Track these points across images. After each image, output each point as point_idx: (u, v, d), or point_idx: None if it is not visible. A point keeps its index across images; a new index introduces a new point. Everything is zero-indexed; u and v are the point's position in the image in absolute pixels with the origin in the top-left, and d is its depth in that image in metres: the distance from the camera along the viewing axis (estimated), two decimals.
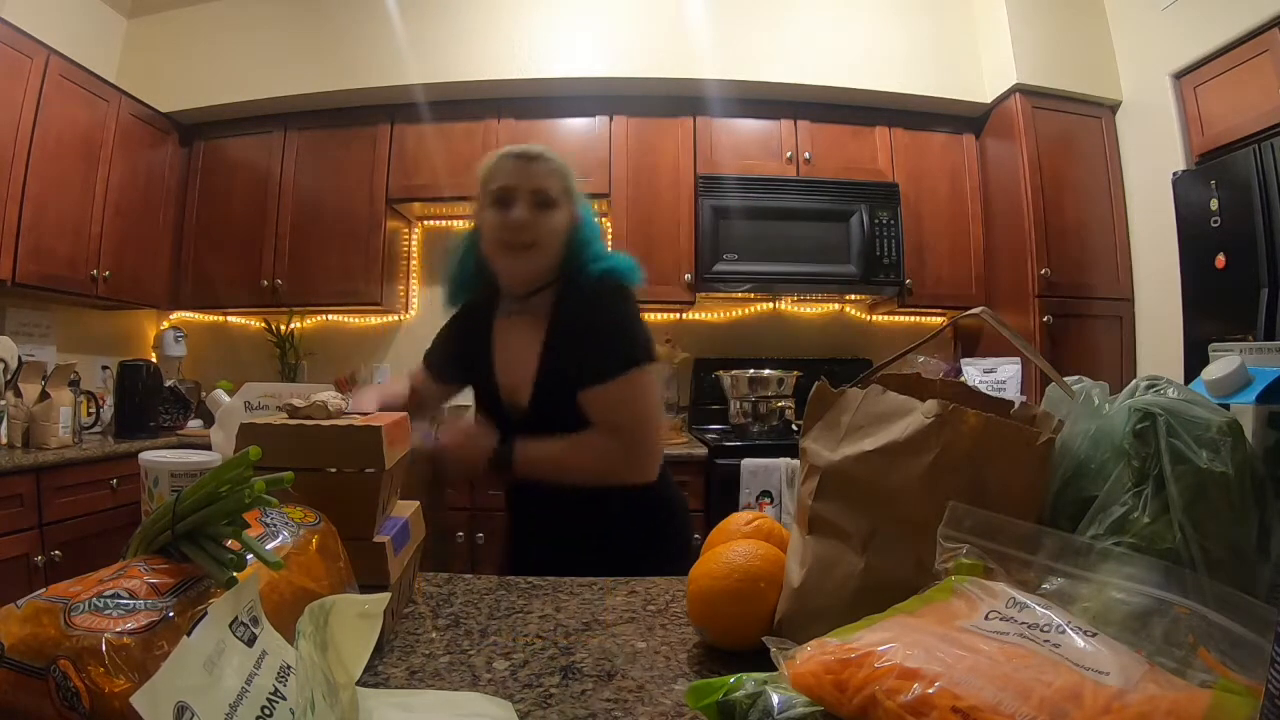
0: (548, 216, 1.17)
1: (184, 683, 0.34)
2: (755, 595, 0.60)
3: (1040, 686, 0.32)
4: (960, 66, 2.96)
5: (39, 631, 0.37)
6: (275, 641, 0.42)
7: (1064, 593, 0.41)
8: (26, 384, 2.23)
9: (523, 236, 1.15)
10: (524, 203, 1.15)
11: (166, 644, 0.39)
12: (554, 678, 0.56)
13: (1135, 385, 0.50)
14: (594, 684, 0.55)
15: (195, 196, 3.10)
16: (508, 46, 2.88)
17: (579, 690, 0.54)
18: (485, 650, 0.62)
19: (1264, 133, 2.15)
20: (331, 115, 3.05)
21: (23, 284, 2.37)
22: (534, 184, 1.16)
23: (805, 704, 0.36)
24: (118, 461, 2.31)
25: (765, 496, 2.42)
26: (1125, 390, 0.50)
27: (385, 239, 3.01)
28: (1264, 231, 2.06)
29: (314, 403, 0.69)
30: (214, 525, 0.46)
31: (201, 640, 0.37)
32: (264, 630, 0.42)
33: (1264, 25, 2.17)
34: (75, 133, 2.56)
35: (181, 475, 0.72)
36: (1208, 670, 0.35)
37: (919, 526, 0.48)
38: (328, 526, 0.57)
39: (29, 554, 2.01)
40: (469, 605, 0.74)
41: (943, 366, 2.80)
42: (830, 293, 3.02)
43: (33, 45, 2.39)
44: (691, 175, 2.90)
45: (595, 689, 0.54)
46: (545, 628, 0.67)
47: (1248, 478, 0.44)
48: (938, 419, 0.51)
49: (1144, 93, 2.71)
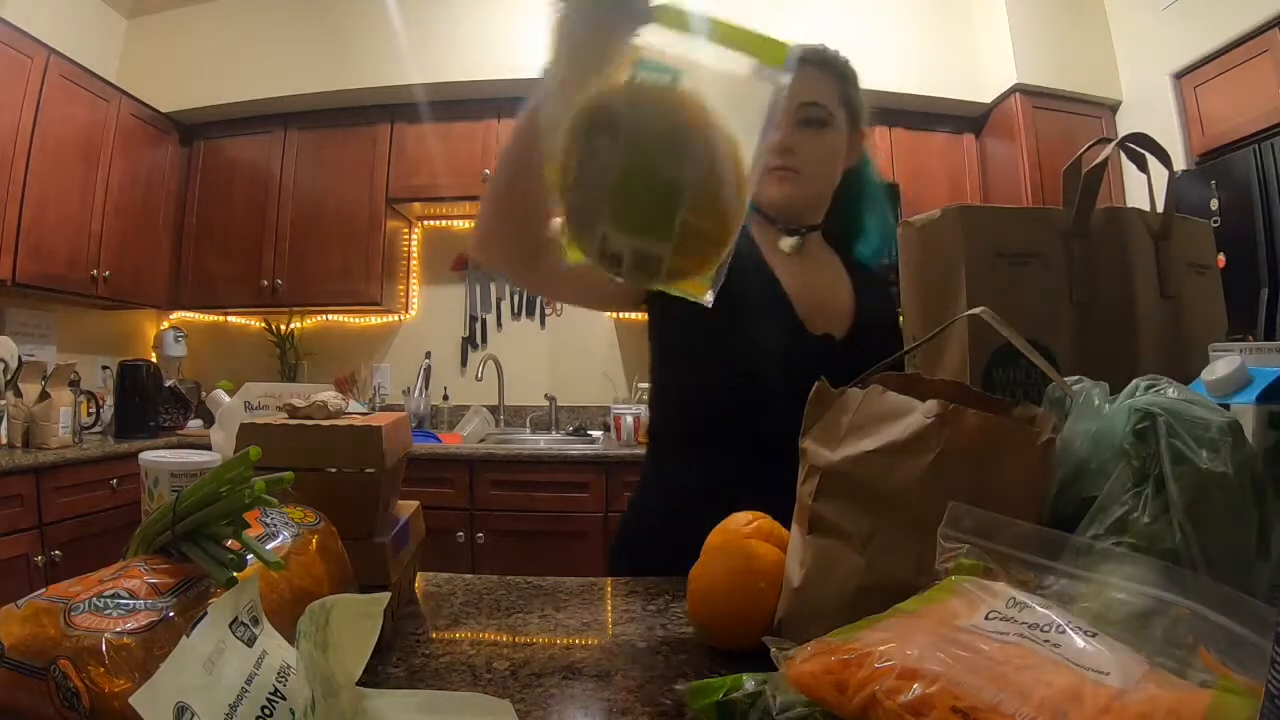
0: (816, 139, 0.97)
1: (184, 683, 0.34)
2: (755, 595, 0.60)
3: (1040, 686, 0.32)
4: (960, 66, 2.96)
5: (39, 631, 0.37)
6: (275, 641, 0.42)
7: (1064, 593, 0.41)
8: (26, 384, 2.23)
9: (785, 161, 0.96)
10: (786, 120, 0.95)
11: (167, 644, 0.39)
12: (554, 678, 0.56)
13: (1135, 385, 0.50)
14: (594, 684, 0.55)
15: (195, 196, 3.10)
16: (508, 46, 2.88)
17: (579, 690, 0.54)
18: (485, 650, 0.62)
19: (1264, 133, 2.16)
20: (331, 115, 3.05)
21: (23, 284, 2.37)
22: (803, 96, 0.96)
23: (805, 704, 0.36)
24: (118, 461, 2.31)
25: None
26: (1125, 390, 0.50)
27: (385, 239, 3.01)
28: (1264, 231, 2.06)
29: (314, 403, 0.69)
30: (214, 525, 0.46)
31: (201, 640, 0.37)
32: (264, 630, 0.42)
33: (1264, 25, 2.17)
34: (75, 133, 2.57)
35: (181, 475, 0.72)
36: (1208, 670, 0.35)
37: (919, 526, 0.48)
38: (328, 526, 0.57)
39: (29, 554, 2.01)
40: (469, 605, 0.74)
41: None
42: None
43: (33, 45, 2.39)
44: None
45: (595, 689, 0.54)
46: (545, 628, 0.67)
47: (1248, 478, 0.44)
48: (938, 419, 0.51)
49: (1144, 93, 2.72)
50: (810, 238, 1.04)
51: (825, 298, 0.99)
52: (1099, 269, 0.71)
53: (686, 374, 0.99)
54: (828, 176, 1.02)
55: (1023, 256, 0.71)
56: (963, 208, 0.71)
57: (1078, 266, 0.71)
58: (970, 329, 0.67)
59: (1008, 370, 0.68)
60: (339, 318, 3.30)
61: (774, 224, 1.03)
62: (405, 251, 3.27)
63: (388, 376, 3.23)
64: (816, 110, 0.97)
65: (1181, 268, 0.75)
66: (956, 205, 0.72)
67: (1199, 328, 0.74)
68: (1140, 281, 0.72)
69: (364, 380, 3.21)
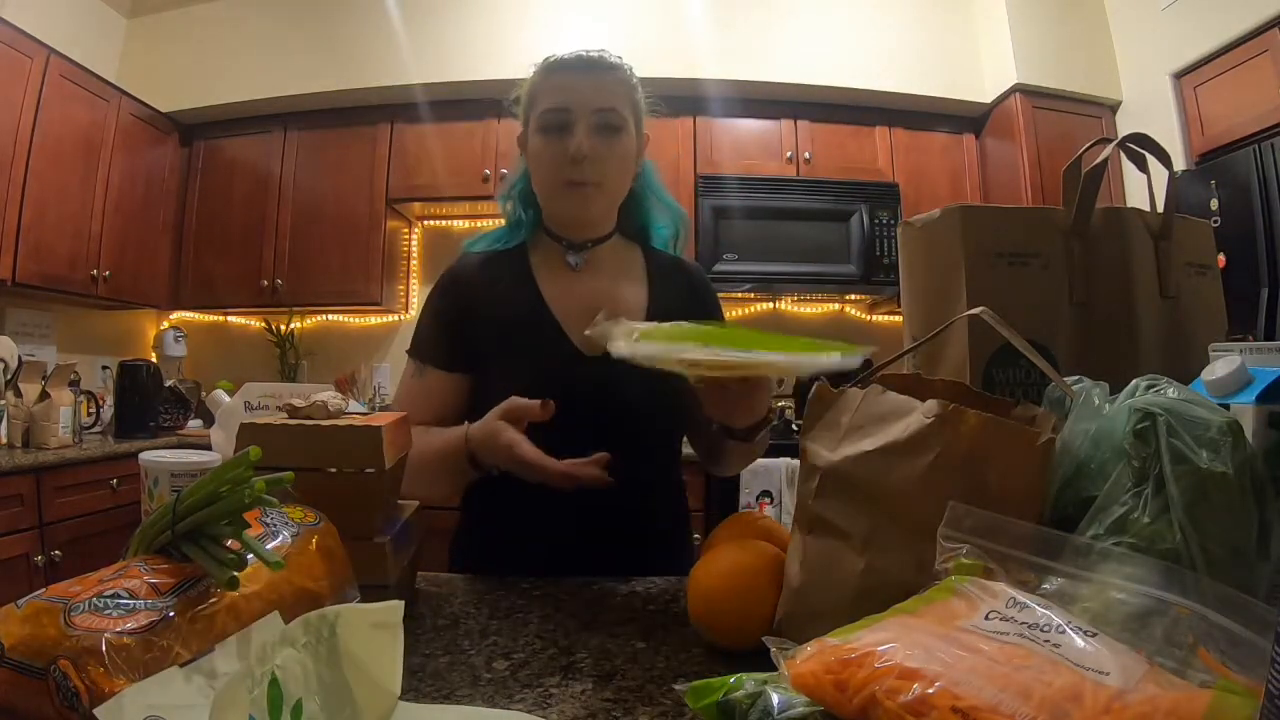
0: (614, 145, 0.93)
1: (157, 699, 0.34)
2: (755, 595, 0.60)
3: (1040, 686, 0.32)
4: (960, 66, 2.96)
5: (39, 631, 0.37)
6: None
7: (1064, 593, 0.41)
8: (26, 384, 2.23)
9: (584, 172, 0.91)
10: (584, 127, 0.91)
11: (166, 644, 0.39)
12: (554, 678, 0.56)
13: (1135, 385, 0.50)
14: (594, 684, 0.55)
15: (195, 196, 3.10)
16: (508, 46, 2.88)
17: (579, 690, 0.54)
18: (485, 650, 0.62)
19: (1264, 133, 2.15)
20: (331, 115, 3.05)
21: (23, 284, 2.37)
22: (597, 102, 0.92)
23: (805, 704, 0.36)
24: (118, 461, 2.31)
25: (765, 496, 2.42)
26: (1125, 390, 0.50)
27: (385, 239, 3.01)
28: (1264, 231, 2.06)
29: (314, 403, 0.69)
30: (214, 525, 0.46)
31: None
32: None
33: (1264, 25, 2.17)
34: (75, 133, 2.57)
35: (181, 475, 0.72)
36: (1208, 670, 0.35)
37: (919, 526, 0.48)
38: (328, 526, 0.57)
39: (29, 554, 2.01)
40: (469, 605, 0.74)
41: None
42: (830, 293, 3.02)
43: (33, 45, 2.39)
44: (691, 175, 2.90)
45: (595, 689, 0.54)
46: (545, 628, 0.67)
47: (1248, 478, 0.44)
48: (938, 419, 0.51)
49: (1144, 93, 2.72)
50: (599, 248, 1.00)
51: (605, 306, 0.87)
52: (1099, 269, 0.71)
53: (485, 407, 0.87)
54: (624, 185, 0.98)
55: (1023, 256, 0.71)
56: (963, 208, 0.71)
57: (1078, 266, 0.71)
58: (970, 329, 0.67)
59: (1007, 370, 0.68)
60: (339, 318, 3.30)
61: (559, 242, 0.99)
62: (405, 251, 3.27)
63: (388, 376, 3.23)
64: (612, 116, 0.93)
65: (1181, 268, 0.75)
66: (956, 205, 0.72)
67: (1199, 328, 0.74)
68: (1140, 281, 0.72)
69: (364, 380, 3.21)
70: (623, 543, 0.91)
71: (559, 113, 0.91)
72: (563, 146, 0.91)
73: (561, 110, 0.91)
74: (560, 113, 0.91)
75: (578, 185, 0.92)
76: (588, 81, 0.93)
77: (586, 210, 0.96)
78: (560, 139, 0.91)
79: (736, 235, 2.81)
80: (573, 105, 0.91)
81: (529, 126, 0.97)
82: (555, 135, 0.92)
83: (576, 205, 0.95)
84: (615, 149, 0.93)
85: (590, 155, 0.90)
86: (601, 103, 0.92)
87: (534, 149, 0.95)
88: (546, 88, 0.94)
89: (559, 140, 0.91)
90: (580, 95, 0.92)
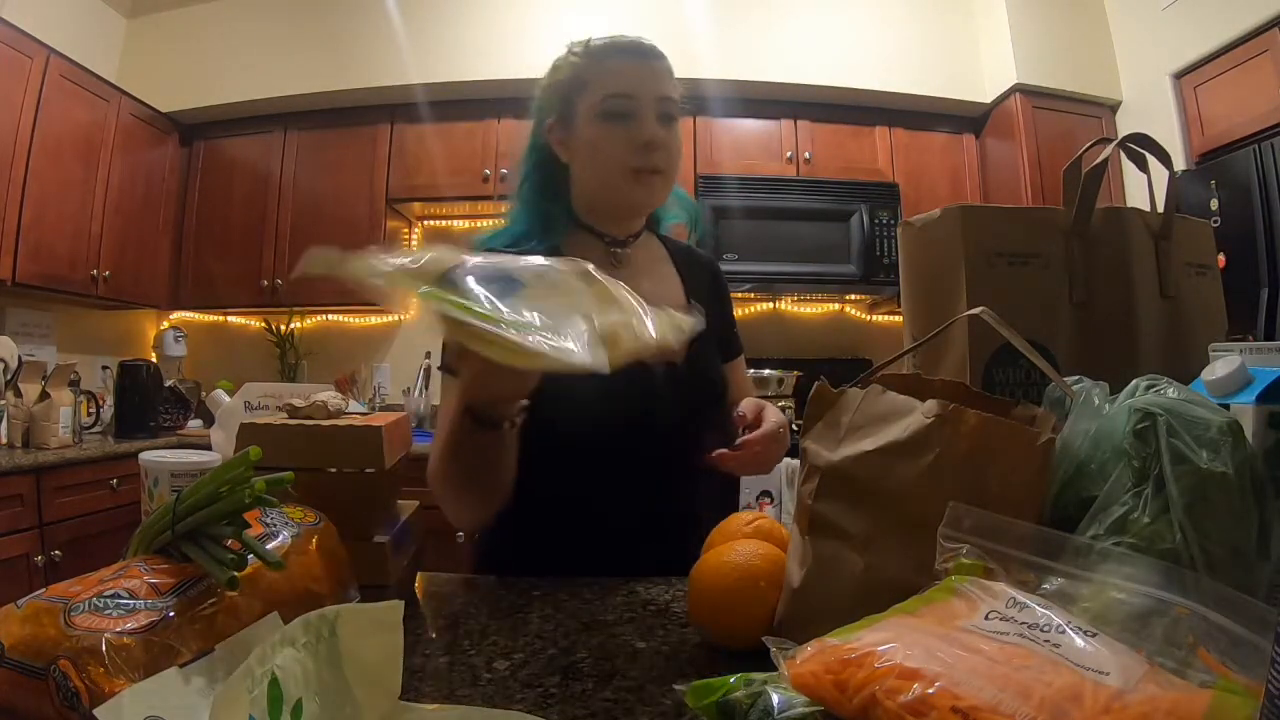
0: (674, 133, 0.91)
1: (157, 700, 0.34)
2: (755, 595, 0.60)
3: (1040, 686, 0.32)
4: (960, 66, 2.96)
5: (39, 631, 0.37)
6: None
7: (1064, 593, 0.41)
8: (26, 384, 2.23)
9: (657, 160, 0.88)
10: (650, 115, 0.88)
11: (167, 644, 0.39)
12: (554, 678, 0.56)
13: (1135, 385, 0.50)
14: (594, 684, 0.55)
15: (195, 196, 3.10)
16: (508, 46, 2.88)
17: (579, 690, 0.54)
18: (485, 650, 0.61)
19: (1264, 133, 2.16)
20: (331, 115, 3.05)
21: (23, 284, 2.37)
22: (660, 90, 0.90)
23: (805, 704, 0.36)
24: (118, 461, 2.31)
25: (765, 496, 2.42)
26: (1125, 390, 0.50)
27: (385, 239, 3.01)
28: (1264, 231, 2.06)
29: (314, 403, 0.69)
30: (214, 525, 0.46)
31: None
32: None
33: (1264, 25, 2.17)
34: (75, 133, 2.57)
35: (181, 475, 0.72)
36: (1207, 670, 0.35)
37: (919, 526, 0.48)
38: (328, 526, 0.57)
39: (29, 554, 2.01)
40: (469, 605, 0.74)
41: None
42: (830, 293, 3.02)
43: (33, 45, 2.39)
44: (691, 175, 2.90)
45: (595, 689, 0.54)
46: (545, 628, 0.67)
47: (1248, 478, 0.44)
48: (938, 419, 0.51)
49: (1144, 93, 2.72)
50: (633, 246, 0.97)
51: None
52: (1099, 269, 0.71)
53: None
54: (677, 174, 0.95)
55: (1023, 256, 0.71)
56: (963, 208, 0.71)
57: (1077, 266, 0.71)
58: (970, 329, 0.67)
59: (1007, 370, 0.68)
60: (339, 318, 3.30)
61: (600, 238, 0.95)
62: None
63: (388, 376, 3.23)
64: (671, 105, 0.91)
65: (1181, 268, 0.75)
66: (956, 205, 0.72)
67: (1199, 328, 0.74)
68: (1140, 281, 0.72)
69: (364, 380, 3.21)
70: (665, 543, 0.86)
71: (624, 99, 0.88)
72: (628, 133, 0.88)
73: (627, 96, 0.88)
74: (626, 99, 0.88)
75: (647, 173, 0.89)
76: (648, 68, 0.91)
77: (653, 199, 0.94)
78: (625, 126, 0.88)
79: (736, 235, 2.81)
80: (637, 92, 0.88)
81: (574, 113, 0.91)
82: (620, 122, 0.88)
83: (644, 194, 0.91)
84: (676, 138, 0.92)
85: (660, 143, 0.89)
86: (662, 90, 0.90)
87: (592, 135, 0.90)
88: (602, 72, 0.90)
89: (624, 127, 0.88)
90: (643, 82, 0.89)
